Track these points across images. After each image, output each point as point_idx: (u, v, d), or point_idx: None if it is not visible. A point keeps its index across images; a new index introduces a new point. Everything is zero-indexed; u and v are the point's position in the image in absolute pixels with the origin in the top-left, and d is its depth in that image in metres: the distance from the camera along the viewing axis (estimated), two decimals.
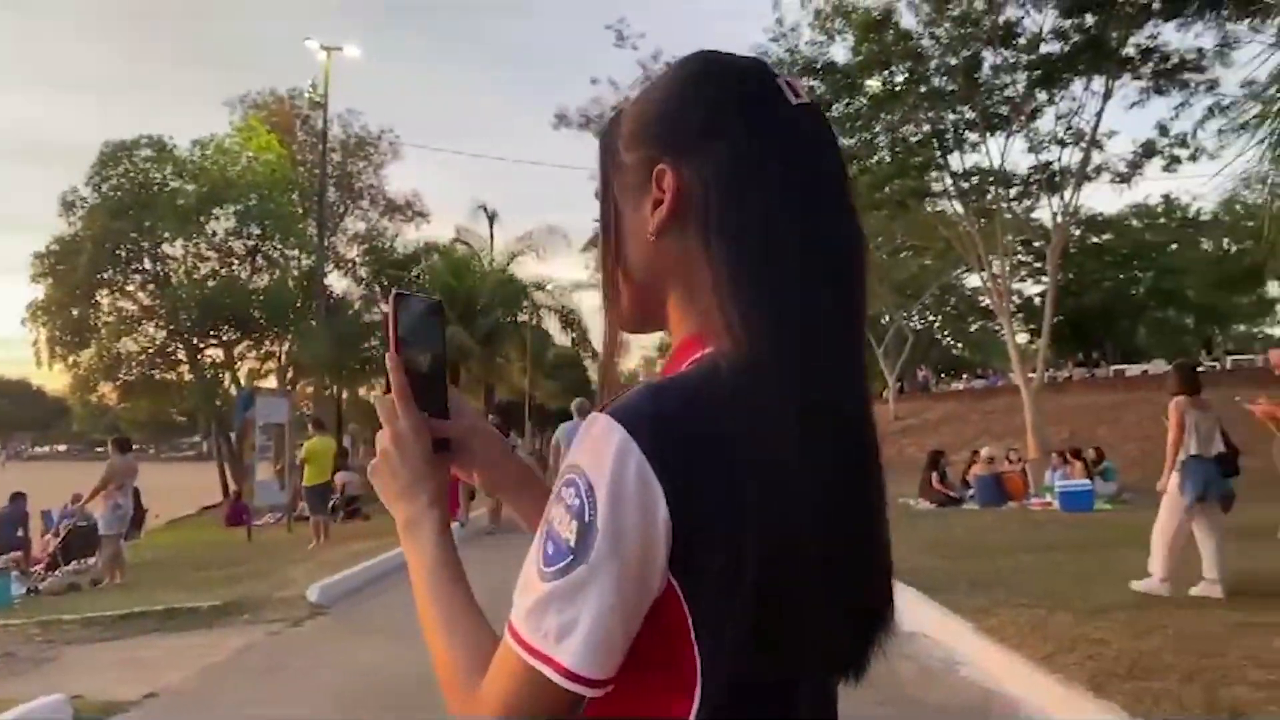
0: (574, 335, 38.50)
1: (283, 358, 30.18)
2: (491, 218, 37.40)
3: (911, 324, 35.55)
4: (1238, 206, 31.84)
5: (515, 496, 1.17)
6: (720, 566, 0.78)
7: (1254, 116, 19.67)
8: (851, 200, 0.91)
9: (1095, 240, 42.75)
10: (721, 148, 0.87)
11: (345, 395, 34.17)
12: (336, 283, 33.56)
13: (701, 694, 0.81)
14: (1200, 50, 20.07)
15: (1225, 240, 35.39)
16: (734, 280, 0.84)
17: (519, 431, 39.47)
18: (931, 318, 40.98)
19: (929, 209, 26.20)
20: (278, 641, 7.40)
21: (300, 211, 30.88)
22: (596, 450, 0.79)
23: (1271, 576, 7.30)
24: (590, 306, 34.95)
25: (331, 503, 16.99)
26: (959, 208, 24.10)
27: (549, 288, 36.01)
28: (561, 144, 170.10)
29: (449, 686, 0.88)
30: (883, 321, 35.69)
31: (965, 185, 23.16)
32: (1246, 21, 18.72)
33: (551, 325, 36.95)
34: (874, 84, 23.53)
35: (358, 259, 34.37)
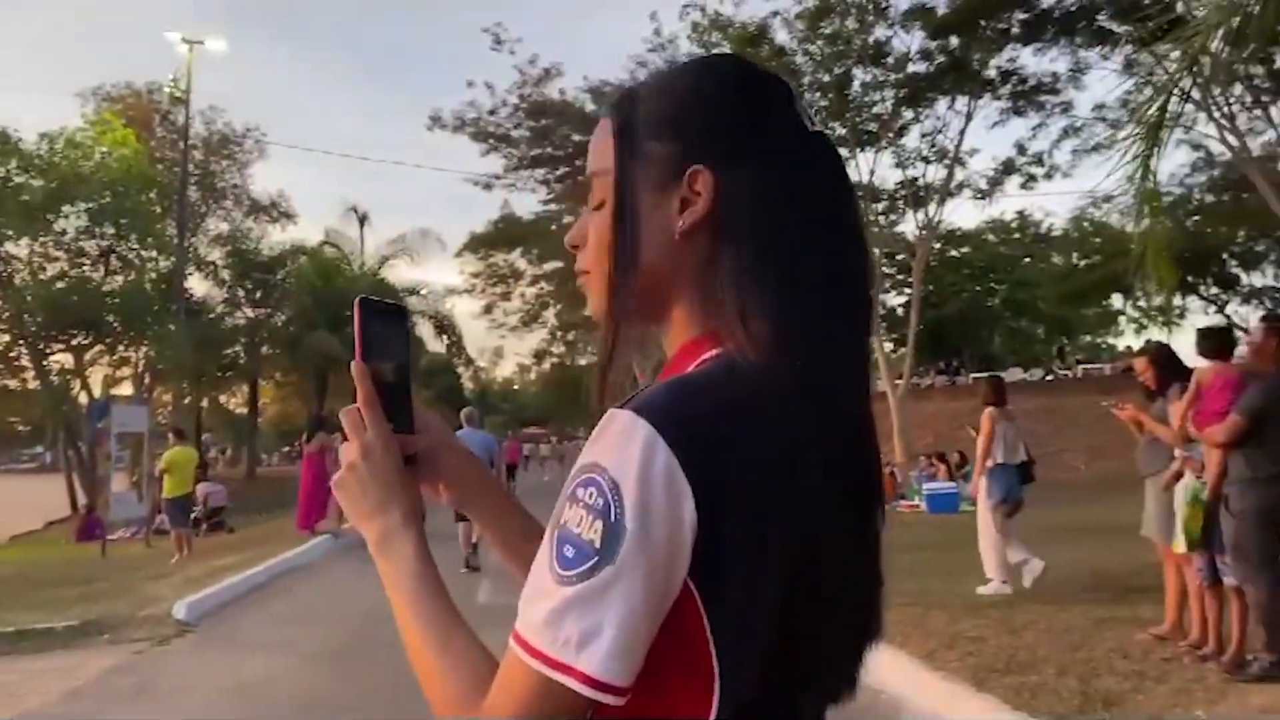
0: (448, 342, 38.00)
1: (139, 364, 28.70)
2: (362, 220, 36.55)
3: None
4: (1085, 224, 33.82)
5: (483, 512, 1.13)
6: (743, 569, 0.76)
7: (1105, 138, 20.81)
8: (862, 222, 0.92)
9: (955, 253, 44.68)
10: (768, 161, 0.87)
11: (206, 403, 32.76)
12: (197, 285, 32.17)
13: (720, 701, 0.77)
14: (1055, 74, 21.24)
15: (1074, 255, 37.47)
16: (764, 290, 0.83)
17: None
18: None
19: None
20: (145, 662, 6.99)
21: (159, 211, 29.43)
22: (620, 447, 0.75)
23: (1127, 573, 7.72)
24: (464, 312, 34.55)
25: (194, 515, 16.28)
26: None
27: (423, 293, 35.42)
28: (436, 146, 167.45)
29: (444, 707, 0.83)
30: None
31: None
32: (1097, 49, 19.92)
33: (425, 332, 36.33)
34: None
35: (220, 261, 33.01)
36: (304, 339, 29.42)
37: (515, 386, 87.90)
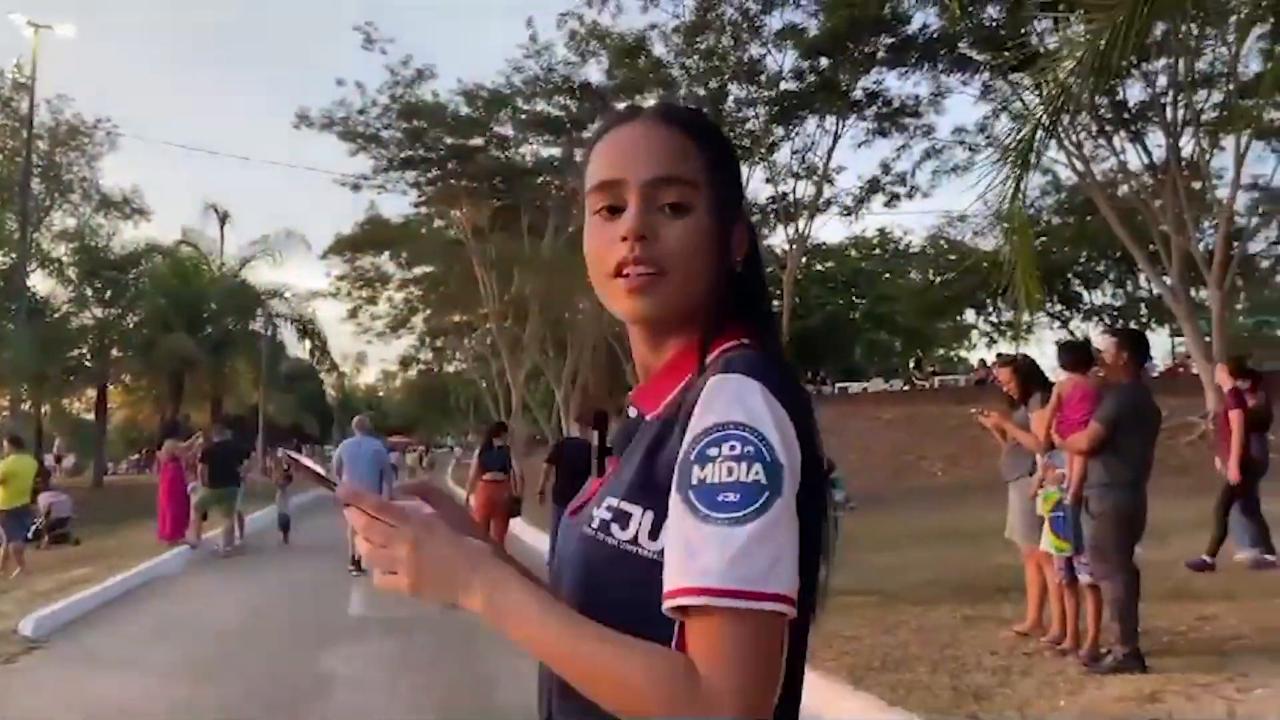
0: (312, 346, 36.86)
1: None
2: (223, 219, 35.19)
3: None
4: (942, 242, 35.39)
5: None
6: (810, 504, 0.89)
7: (963, 161, 21.78)
8: None
9: (820, 267, 46.08)
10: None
11: (49, 408, 30.84)
12: (40, 283, 30.26)
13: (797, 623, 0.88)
14: (918, 98, 22.18)
15: (931, 271, 39.16)
16: (769, 312, 1.08)
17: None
18: None
19: None
20: None
21: None
22: (745, 402, 0.87)
23: (989, 574, 8.11)
24: (329, 316, 33.64)
25: (34, 527, 15.29)
26: None
27: (286, 295, 34.27)
28: (302, 145, 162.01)
29: (661, 706, 0.81)
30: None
31: None
32: (958, 75, 20.91)
33: (288, 335, 35.15)
34: (625, 108, 24.12)
35: (66, 258, 31.14)
36: (158, 342, 28.05)
37: (380, 393, 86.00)
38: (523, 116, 28.10)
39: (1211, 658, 5.12)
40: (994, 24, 16.85)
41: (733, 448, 0.84)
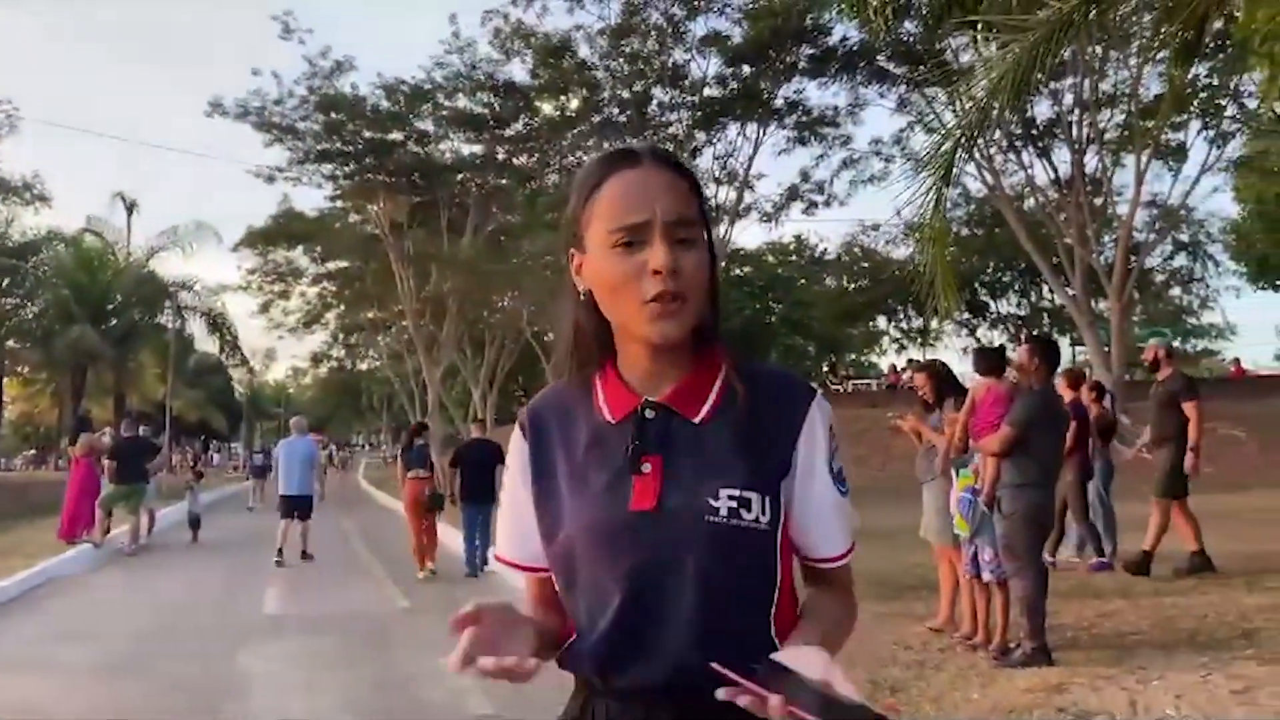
0: (222, 340, 35.93)
1: None
2: (130, 208, 34.06)
3: None
4: (856, 250, 36.19)
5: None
6: None
7: (879, 171, 22.28)
8: None
9: (738, 272, 46.63)
10: None
11: None
12: None
13: None
14: (837, 108, 22.63)
15: (845, 278, 39.96)
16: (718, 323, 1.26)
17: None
18: None
19: None
20: None
21: None
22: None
23: (901, 572, 8.35)
24: (240, 310, 32.84)
25: None
26: None
27: (195, 288, 33.34)
28: (215, 135, 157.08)
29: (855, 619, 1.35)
30: (548, 339, 36.54)
31: None
32: (875, 87, 21.43)
33: (196, 329, 34.19)
34: (549, 108, 24.19)
35: None
36: (59, 333, 27.03)
37: (290, 390, 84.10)
38: (444, 113, 27.84)
39: (1112, 651, 5.38)
40: (911, 39, 17.34)
41: (838, 445, 1.24)
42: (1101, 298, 19.16)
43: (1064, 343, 32.73)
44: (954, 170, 5.66)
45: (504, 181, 28.21)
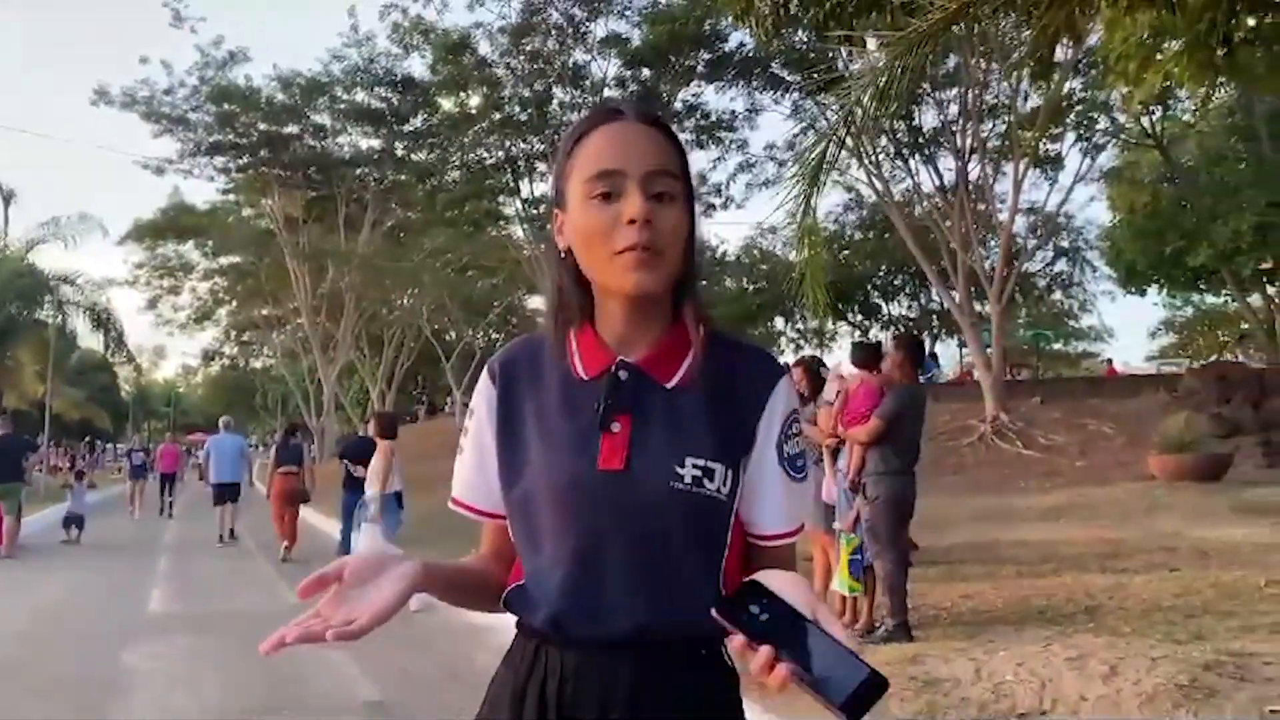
0: (107, 337, 34.58)
1: None
2: (7, 198, 32.53)
3: (478, 341, 36.54)
4: (755, 252, 36.82)
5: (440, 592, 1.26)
6: None
7: (773, 175, 22.76)
8: None
9: None
10: None
11: None
12: None
13: None
14: (734, 113, 23.10)
15: (744, 280, 40.65)
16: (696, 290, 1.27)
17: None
18: (495, 336, 42.44)
19: (499, 231, 27.17)
20: None
21: None
22: (794, 394, 1.28)
23: None
24: (127, 306, 31.74)
25: None
26: (524, 233, 25.39)
27: (78, 282, 32.00)
28: (101, 124, 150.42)
29: None
30: (448, 338, 36.30)
31: (535, 212, 24.44)
32: (770, 93, 21.94)
33: (80, 325, 32.82)
34: (449, 104, 24.07)
35: None
36: None
37: (180, 389, 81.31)
38: (341, 106, 27.45)
39: (969, 628, 5.75)
40: (804, 46, 17.84)
41: (799, 429, 1.25)
42: (985, 301, 20.00)
43: (951, 344, 34.00)
44: (827, 175, 5.95)
45: (403, 177, 27.96)
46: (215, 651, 6.77)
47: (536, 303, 36.91)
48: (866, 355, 6.38)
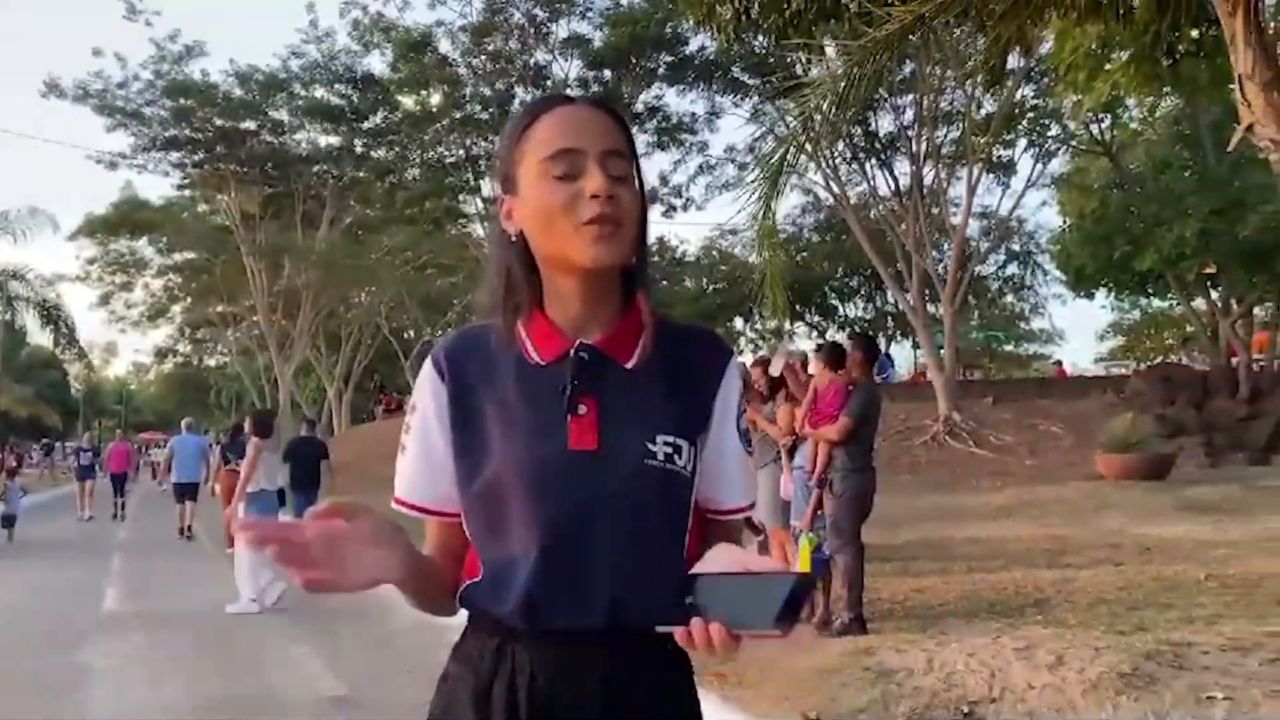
0: (57, 333, 33.95)
1: None
2: None
3: (436, 339, 36.46)
4: (715, 253, 37.05)
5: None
6: None
7: (733, 178, 22.92)
8: None
9: None
10: None
11: None
12: None
13: None
14: (694, 115, 23.26)
15: (704, 280, 40.87)
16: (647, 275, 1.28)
17: None
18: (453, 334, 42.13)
19: (459, 229, 27.09)
20: None
21: None
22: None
23: None
24: (79, 302, 31.20)
25: None
26: (485, 231, 25.34)
27: (28, 277, 31.39)
28: (53, 118, 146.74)
29: None
30: (406, 335, 36.11)
31: (495, 210, 24.43)
32: (730, 97, 22.12)
33: (29, 321, 32.19)
34: (410, 102, 23.99)
35: None
36: None
37: (132, 386, 79.91)
38: (300, 103, 27.23)
39: (921, 621, 5.92)
40: (763, 51, 18.03)
41: (745, 407, 1.30)
42: (938, 303, 20.33)
43: (906, 346, 34.46)
44: (787, 178, 6.09)
45: (362, 174, 27.80)
46: (173, 648, 6.75)
47: None
48: (835, 356, 6.50)
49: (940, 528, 10.71)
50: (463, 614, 1.25)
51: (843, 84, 5.46)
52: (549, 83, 22.41)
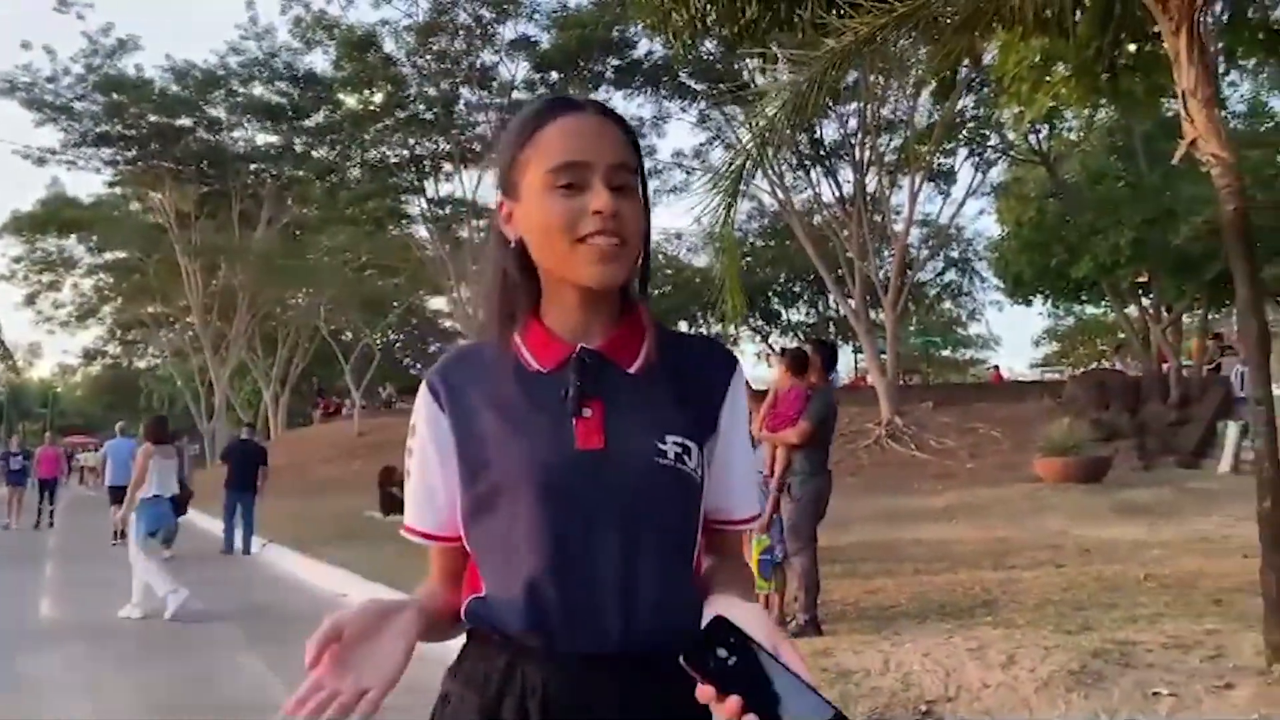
0: None
1: None
2: None
3: (376, 342, 35.92)
4: (660, 257, 37.24)
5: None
6: None
7: (680, 183, 23.01)
8: None
9: None
10: None
11: None
12: None
13: None
14: (641, 119, 23.33)
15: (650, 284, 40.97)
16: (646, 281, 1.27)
17: None
18: (395, 337, 41.74)
19: (401, 230, 26.84)
20: None
21: None
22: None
23: None
24: (3, 302, 30.27)
25: None
26: (429, 232, 25.16)
27: None
28: None
29: None
30: (345, 337, 35.57)
31: (441, 212, 24.24)
32: (678, 102, 22.23)
33: None
34: (352, 101, 23.72)
35: None
36: None
37: (57, 388, 77.59)
38: (238, 100, 26.75)
39: (874, 622, 6.00)
40: (712, 58, 18.16)
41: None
42: (879, 308, 20.64)
43: (847, 350, 34.90)
44: (745, 186, 6.14)
45: (302, 174, 27.39)
46: (115, 656, 6.60)
47: (438, 303, 36.51)
48: (799, 362, 6.56)
49: (886, 530, 10.88)
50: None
51: (801, 92, 5.52)
52: (495, 83, 22.32)
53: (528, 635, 1.11)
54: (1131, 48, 7.33)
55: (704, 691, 0.91)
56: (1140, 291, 19.60)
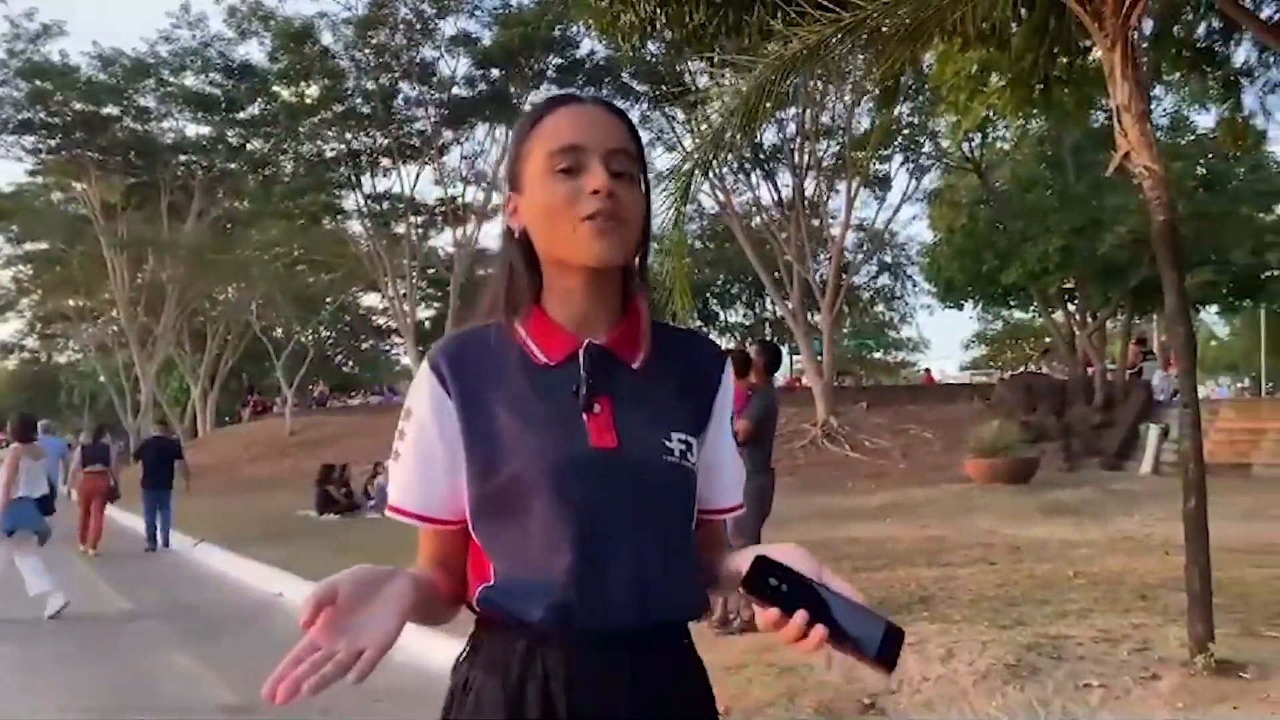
0: None
1: None
2: None
3: (307, 339, 35.34)
4: None
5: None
6: None
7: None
8: None
9: (483, 273, 46.62)
10: None
11: None
12: None
13: None
14: None
15: None
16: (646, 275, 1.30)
17: None
18: (328, 334, 41.10)
19: (336, 225, 26.48)
20: None
21: None
22: None
23: None
24: None
25: None
26: (365, 228, 24.84)
27: None
28: None
29: None
30: (276, 334, 34.95)
31: (377, 208, 23.96)
32: (620, 102, 22.21)
33: None
34: (288, 93, 23.35)
35: None
36: None
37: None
38: (169, 89, 26.13)
39: None
40: (654, 59, 18.24)
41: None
42: (816, 310, 20.92)
43: (783, 350, 35.37)
44: (698, 189, 6.21)
45: (234, 166, 26.85)
46: (49, 658, 6.43)
47: (371, 300, 36.03)
48: (744, 363, 6.66)
49: (823, 528, 11.02)
50: None
51: (753, 99, 5.61)
52: (435, 79, 22.14)
53: (547, 621, 1.13)
54: (1064, 60, 7.58)
55: (769, 615, 0.99)
56: (1067, 297, 20.15)
